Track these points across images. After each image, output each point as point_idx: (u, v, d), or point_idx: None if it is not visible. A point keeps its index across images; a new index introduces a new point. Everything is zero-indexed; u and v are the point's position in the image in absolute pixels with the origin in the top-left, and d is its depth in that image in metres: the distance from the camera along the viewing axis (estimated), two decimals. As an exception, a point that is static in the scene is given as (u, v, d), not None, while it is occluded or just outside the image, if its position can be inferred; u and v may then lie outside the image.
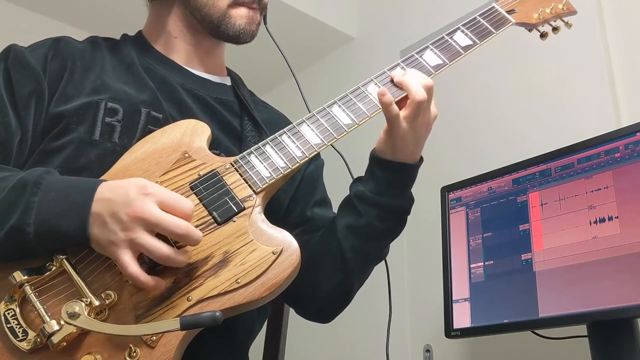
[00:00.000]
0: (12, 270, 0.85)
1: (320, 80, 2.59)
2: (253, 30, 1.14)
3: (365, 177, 1.07)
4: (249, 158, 0.97)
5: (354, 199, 1.05)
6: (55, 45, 1.08)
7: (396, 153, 1.03)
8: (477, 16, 1.12)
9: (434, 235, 1.67)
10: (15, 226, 0.84)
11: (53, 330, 0.81)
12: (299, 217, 1.17)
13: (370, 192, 1.04)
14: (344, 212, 1.08)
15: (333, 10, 2.55)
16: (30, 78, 1.02)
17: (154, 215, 0.82)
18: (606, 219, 1.32)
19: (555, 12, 1.19)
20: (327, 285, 1.09)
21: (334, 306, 1.14)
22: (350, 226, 1.05)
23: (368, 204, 1.04)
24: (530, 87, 1.87)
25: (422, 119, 1.00)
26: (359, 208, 1.04)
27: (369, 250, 1.08)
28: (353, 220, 1.05)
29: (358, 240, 1.06)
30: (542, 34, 1.20)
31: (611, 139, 1.37)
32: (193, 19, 1.14)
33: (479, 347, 1.78)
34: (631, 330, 1.28)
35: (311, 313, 1.16)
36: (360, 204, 1.04)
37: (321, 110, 1.02)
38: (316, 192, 1.22)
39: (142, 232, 0.82)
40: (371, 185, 1.04)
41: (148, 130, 1.02)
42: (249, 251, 0.88)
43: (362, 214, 1.04)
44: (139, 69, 1.10)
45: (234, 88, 1.21)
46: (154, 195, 0.84)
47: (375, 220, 1.04)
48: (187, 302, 0.85)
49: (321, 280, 1.08)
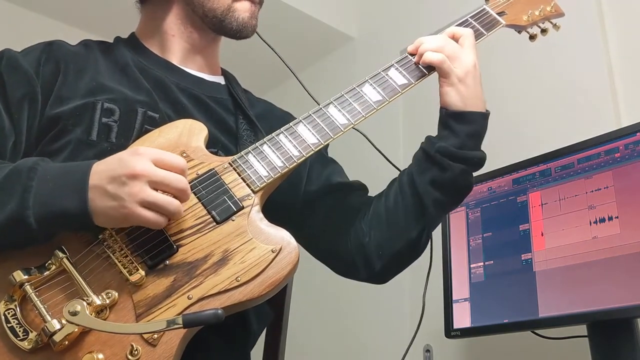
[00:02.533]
0: (11, 270, 0.85)
1: (320, 80, 2.59)
2: (254, 24, 1.15)
3: (443, 133, 1.07)
4: (247, 157, 0.98)
5: (436, 155, 1.05)
6: (48, 48, 1.09)
7: (466, 100, 1.06)
8: (469, 18, 1.14)
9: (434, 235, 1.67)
10: (15, 211, 0.84)
11: (55, 329, 0.81)
12: (324, 188, 1.18)
13: (454, 147, 1.05)
14: (424, 168, 1.07)
15: (333, 10, 2.55)
16: (23, 81, 1.03)
17: (154, 171, 0.84)
18: (606, 219, 1.32)
19: (543, 14, 1.21)
20: (399, 243, 1.09)
21: (402, 264, 1.14)
22: (435, 181, 1.06)
23: (453, 159, 1.05)
24: (530, 87, 1.87)
25: (461, 68, 1.05)
26: (444, 163, 1.05)
27: (450, 203, 1.10)
28: (438, 175, 1.05)
29: (442, 194, 1.06)
30: (532, 36, 1.22)
31: (611, 139, 1.37)
32: (194, 16, 1.14)
33: (479, 347, 1.78)
34: (631, 330, 1.28)
35: (375, 274, 1.14)
36: (444, 159, 1.05)
37: (317, 110, 1.03)
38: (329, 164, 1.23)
39: (148, 188, 0.83)
40: (453, 139, 1.05)
41: (145, 130, 1.03)
42: (248, 250, 0.89)
43: (447, 169, 1.05)
44: (133, 70, 1.11)
45: (228, 86, 1.21)
46: (147, 154, 0.85)
47: (460, 174, 1.05)
48: (187, 300, 0.85)
49: (392, 239, 1.09)
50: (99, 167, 0.86)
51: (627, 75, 1.69)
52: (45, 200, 0.84)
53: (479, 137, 1.08)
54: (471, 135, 1.06)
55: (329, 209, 1.16)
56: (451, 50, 1.06)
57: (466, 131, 1.06)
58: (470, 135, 1.06)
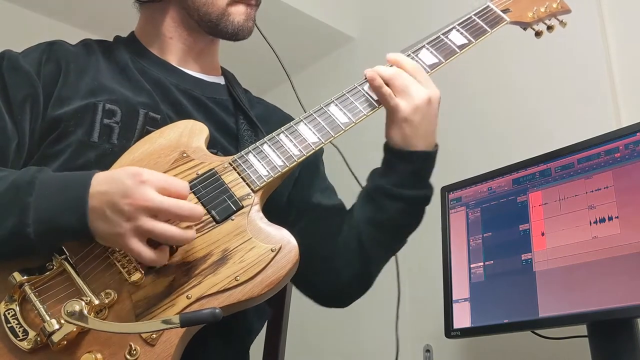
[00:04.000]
0: (11, 271, 0.85)
1: (320, 80, 2.59)
2: (250, 26, 1.15)
3: (383, 169, 1.06)
4: (247, 157, 0.98)
5: (374, 192, 1.04)
6: (49, 49, 1.09)
7: (408, 139, 1.02)
8: (472, 15, 1.14)
9: (434, 235, 1.67)
10: (15, 228, 0.84)
11: (53, 329, 0.81)
12: (302, 204, 1.16)
13: (392, 186, 1.03)
14: (363, 204, 1.07)
15: (333, 10, 2.55)
16: (25, 82, 1.03)
17: (156, 201, 0.83)
18: (606, 219, 1.31)
19: (549, 10, 1.20)
20: (345, 275, 1.09)
21: (353, 294, 1.15)
22: (372, 219, 1.05)
23: (390, 198, 1.03)
24: (530, 87, 1.87)
25: (409, 103, 1.00)
26: (381, 202, 1.03)
27: (389, 242, 1.08)
28: (374, 214, 1.04)
29: (379, 233, 1.05)
30: (537, 33, 1.21)
31: (611, 139, 1.37)
32: (190, 19, 1.14)
33: (479, 347, 1.78)
34: (631, 330, 1.28)
35: (328, 300, 1.17)
36: (381, 198, 1.03)
37: (318, 109, 1.02)
38: (318, 179, 1.22)
39: (147, 218, 0.82)
40: (392, 177, 1.03)
41: (146, 131, 1.02)
42: (248, 249, 0.89)
43: (384, 208, 1.03)
44: (133, 71, 1.11)
45: (228, 87, 1.21)
46: (150, 181, 0.84)
47: (398, 213, 1.03)
48: (186, 299, 0.85)
49: (340, 270, 1.09)
50: (100, 188, 0.84)
51: (627, 75, 1.69)
52: (44, 216, 0.84)
53: (421, 176, 1.04)
54: (411, 173, 1.03)
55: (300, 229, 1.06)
56: (401, 83, 1.01)
57: (406, 170, 1.03)
58: (411, 174, 1.03)
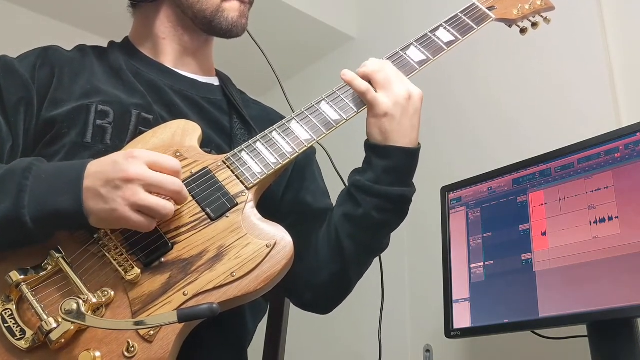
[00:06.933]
0: (7, 271, 0.86)
1: (320, 80, 2.59)
2: (244, 24, 1.16)
3: (363, 166, 1.06)
4: (240, 155, 0.98)
5: (351, 188, 1.04)
6: (44, 53, 1.11)
7: (387, 134, 1.01)
8: (459, 13, 1.15)
9: (434, 235, 1.67)
10: (11, 210, 0.84)
11: (51, 327, 0.82)
12: (291, 204, 1.16)
13: (368, 181, 1.02)
14: (341, 201, 1.07)
15: (333, 10, 2.55)
16: (19, 86, 1.04)
17: (148, 174, 0.84)
18: (606, 219, 1.31)
19: (534, 8, 1.21)
20: (323, 275, 1.07)
21: (330, 297, 1.12)
22: (347, 215, 1.04)
23: (366, 194, 1.02)
24: (530, 87, 1.87)
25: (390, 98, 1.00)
26: (357, 198, 1.03)
27: (366, 240, 1.06)
28: (350, 210, 1.04)
29: (355, 230, 1.04)
30: (522, 30, 1.23)
31: (611, 139, 1.37)
32: (184, 18, 1.15)
33: (479, 347, 1.77)
34: (631, 330, 1.28)
35: (307, 303, 1.14)
36: (357, 193, 1.03)
37: (310, 107, 1.03)
38: (307, 180, 1.21)
39: (142, 192, 0.83)
40: (369, 174, 1.03)
41: (139, 131, 1.03)
42: (243, 245, 0.89)
43: (360, 204, 1.02)
44: (127, 74, 1.12)
45: (222, 87, 1.22)
46: (141, 157, 0.85)
47: (374, 210, 1.02)
48: (183, 296, 0.85)
49: (317, 269, 1.07)
50: (94, 169, 0.86)
51: (627, 75, 1.68)
52: (40, 199, 0.85)
53: (399, 173, 1.03)
54: (389, 170, 1.02)
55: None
56: (383, 77, 1.02)
57: (383, 166, 1.02)
58: (387, 170, 1.02)
